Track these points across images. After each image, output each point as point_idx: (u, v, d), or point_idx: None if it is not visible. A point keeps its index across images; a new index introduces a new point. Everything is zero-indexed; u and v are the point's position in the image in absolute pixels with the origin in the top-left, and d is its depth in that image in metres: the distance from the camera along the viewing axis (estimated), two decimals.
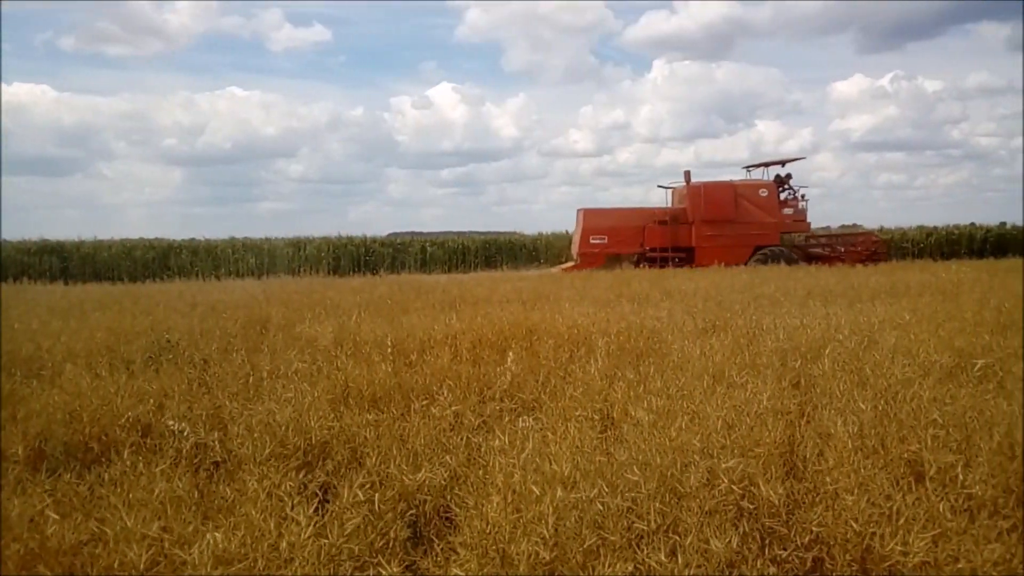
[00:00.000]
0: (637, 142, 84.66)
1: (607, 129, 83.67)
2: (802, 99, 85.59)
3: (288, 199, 75.03)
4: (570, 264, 25.59)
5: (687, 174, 25.06)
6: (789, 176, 25.83)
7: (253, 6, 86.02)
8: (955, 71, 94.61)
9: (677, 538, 3.14)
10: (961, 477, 3.57)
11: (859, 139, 75.70)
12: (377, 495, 3.60)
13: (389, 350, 7.03)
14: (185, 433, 4.63)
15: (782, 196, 25.24)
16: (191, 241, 33.08)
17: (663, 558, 2.99)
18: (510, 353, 6.61)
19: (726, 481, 3.56)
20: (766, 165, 26.59)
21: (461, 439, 4.59)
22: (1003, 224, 36.85)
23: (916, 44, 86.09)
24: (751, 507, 3.51)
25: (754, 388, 5.16)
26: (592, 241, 24.74)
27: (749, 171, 27.09)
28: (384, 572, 3.06)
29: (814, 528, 3.30)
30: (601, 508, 3.31)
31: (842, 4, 76.80)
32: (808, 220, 25.85)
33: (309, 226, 68.35)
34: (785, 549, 3.24)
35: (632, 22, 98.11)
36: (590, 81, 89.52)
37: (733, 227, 24.30)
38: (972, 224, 36.85)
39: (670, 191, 26.59)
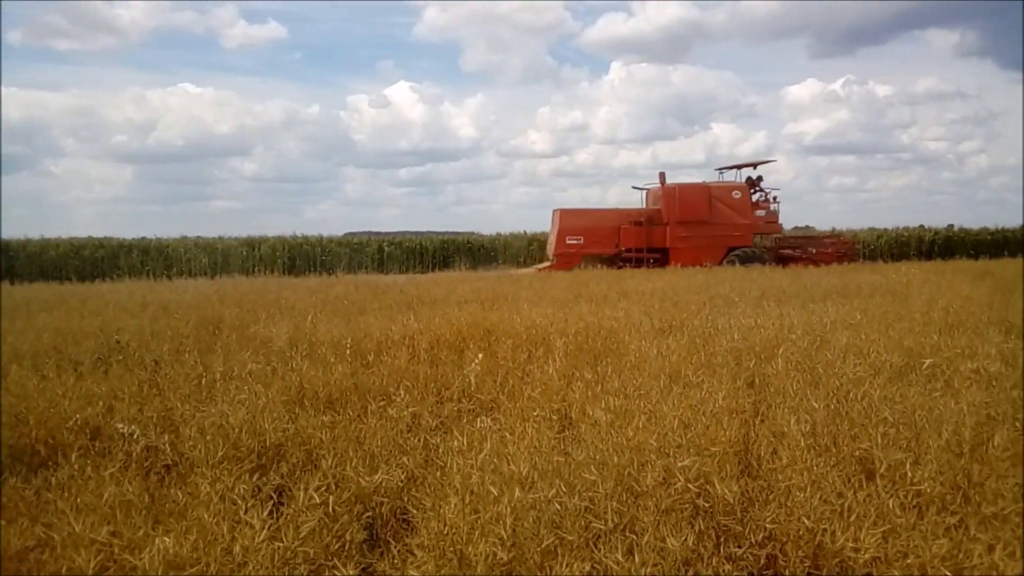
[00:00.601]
0: (595, 143, 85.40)
1: (565, 130, 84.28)
2: (757, 102, 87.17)
3: (242, 198, 74.14)
4: (546, 264, 25.62)
5: (662, 176, 25.33)
6: (760, 178, 26.15)
7: (206, 3, 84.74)
8: (905, 76, 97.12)
9: (634, 537, 3.16)
10: (910, 474, 3.65)
11: (812, 142, 77.31)
12: (333, 497, 3.57)
13: (346, 351, 6.97)
14: (135, 436, 4.54)
15: (754, 198, 25.56)
16: (142, 240, 32.34)
17: (620, 557, 3.00)
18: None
19: (682, 480, 3.59)
20: (739, 167, 26.88)
21: (419, 440, 4.57)
22: (951, 227, 37.89)
23: (867, 49, 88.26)
24: (707, 505, 3.54)
25: (710, 387, 5.21)
26: (568, 241, 24.81)
27: (722, 173, 27.39)
28: (339, 575, 3.02)
29: (768, 525, 3.34)
30: (559, 508, 3.32)
31: (795, 9, 78.36)
32: (780, 222, 26.23)
33: (264, 225, 67.49)
34: (740, 547, 3.28)
35: (590, 24, 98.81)
36: (548, 82, 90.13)
37: (707, 228, 24.55)
38: (921, 226, 37.79)
39: (645, 192, 26.84)
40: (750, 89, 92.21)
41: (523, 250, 34.12)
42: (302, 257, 32.18)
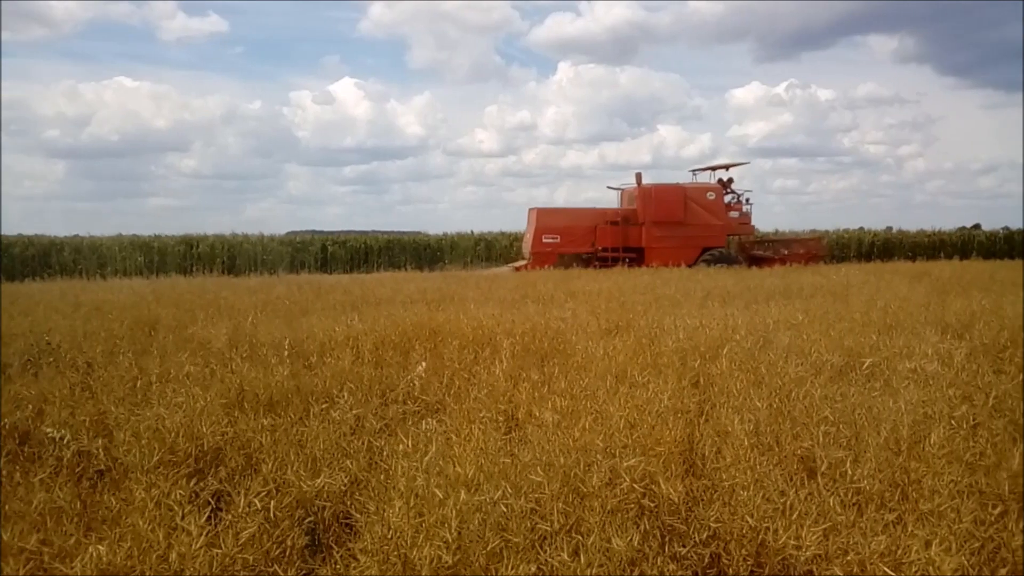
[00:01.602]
0: (542, 143, 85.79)
1: (513, 130, 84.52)
2: (702, 105, 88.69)
3: (180, 195, 72.60)
4: (522, 263, 25.61)
5: (638, 176, 25.64)
6: (732, 180, 26.57)
7: None
8: (846, 81, 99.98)
9: (580, 538, 3.15)
10: (850, 472, 3.71)
11: (755, 145, 78.65)
12: (273, 502, 3.50)
13: (287, 352, 6.84)
14: (66, 440, 4.39)
15: (726, 199, 25.93)
16: (75, 238, 31.39)
17: (566, 558, 2.99)
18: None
19: (628, 480, 3.59)
20: (712, 169, 27.31)
21: (362, 443, 4.50)
22: (889, 229, 39.07)
23: (810, 54, 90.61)
24: (652, 505, 3.56)
25: (655, 387, 5.24)
26: (545, 240, 24.87)
27: (695, 174, 27.78)
28: None
29: (712, 524, 3.37)
30: (505, 510, 3.29)
31: (740, 14, 79.93)
32: (752, 223, 26.65)
33: (202, 223, 66.19)
34: (684, 546, 3.30)
35: (537, 23, 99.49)
36: (496, 81, 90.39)
37: (682, 228, 24.84)
38: (861, 228, 38.86)
39: (620, 192, 27.11)
40: (696, 92, 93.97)
41: (470, 250, 34.08)
42: (242, 256, 31.56)
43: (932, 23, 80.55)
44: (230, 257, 31.35)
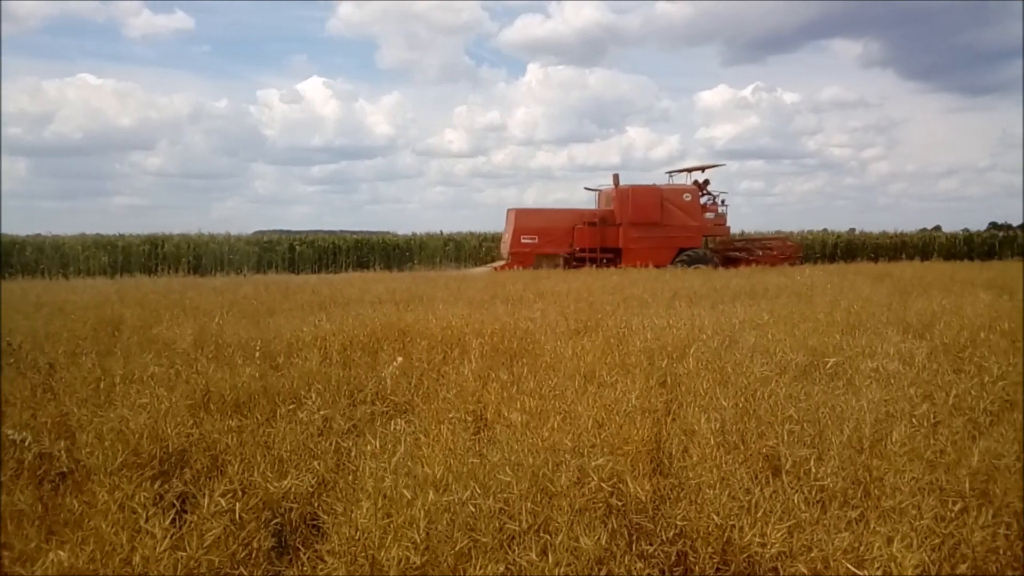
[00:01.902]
0: (512, 144, 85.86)
1: (482, 130, 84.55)
2: (670, 107, 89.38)
3: (144, 194, 71.63)
4: (501, 263, 25.63)
5: (616, 177, 25.74)
6: (707, 182, 26.78)
7: None
8: (811, 85, 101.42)
9: (548, 537, 3.15)
10: (814, 470, 3.76)
11: (723, 147, 79.47)
12: (239, 504, 3.45)
13: (254, 353, 6.77)
14: (27, 443, 4.31)
15: (702, 201, 26.12)
16: (36, 237, 30.79)
17: (534, 557, 2.99)
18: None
19: (596, 479, 3.61)
20: (688, 171, 27.52)
21: (330, 444, 4.47)
22: (852, 230, 39.68)
23: (776, 57, 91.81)
24: (619, 504, 3.58)
25: (623, 387, 5.26)
26: (523, 241, 24.94)
27: (671, 176, 27.97)
28: None
29: (678, 522, 3.39)
30: (473, 510, 3.29)
31: (708, 17, 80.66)
32: (728, 224, 26.88)
33: (168, 223, 65.30)
34: (651, 544, 3.32)
35: (507, 24, 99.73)
36: (465, 81, 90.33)
37: (659, 229, 25.02)
38: (825, 230, 39.38)
39: (598, 193, 27.26)
40: (664, 94, 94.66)
41: (439, 250, 34.00)
42: (208, 256, 31.12)
43: (896, 28, 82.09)
44: (196, 257, 30.93)
